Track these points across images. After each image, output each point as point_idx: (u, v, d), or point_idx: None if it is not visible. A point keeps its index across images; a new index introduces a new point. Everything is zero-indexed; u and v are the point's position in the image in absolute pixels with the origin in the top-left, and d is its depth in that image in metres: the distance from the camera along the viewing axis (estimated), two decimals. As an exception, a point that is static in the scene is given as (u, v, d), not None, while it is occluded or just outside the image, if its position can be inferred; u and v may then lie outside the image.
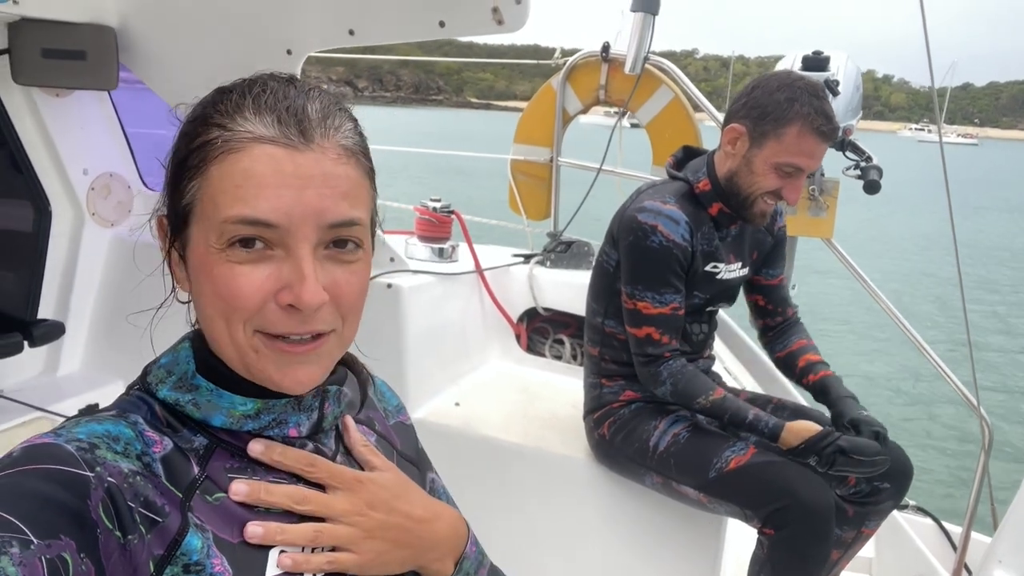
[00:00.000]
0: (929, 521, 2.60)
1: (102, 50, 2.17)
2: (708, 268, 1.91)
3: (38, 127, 2.32)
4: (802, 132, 1.73)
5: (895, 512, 2.45)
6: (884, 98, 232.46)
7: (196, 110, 0.70)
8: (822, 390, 1.96)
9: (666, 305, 1.83)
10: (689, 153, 2.00)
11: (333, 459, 0.76)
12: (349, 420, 0.81)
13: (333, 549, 0.72)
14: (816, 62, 2.49)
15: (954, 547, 2.49)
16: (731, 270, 1.97)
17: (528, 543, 2.15)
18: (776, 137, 1.76)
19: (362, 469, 0.79)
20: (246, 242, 0.65)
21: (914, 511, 2.63)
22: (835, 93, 2.48)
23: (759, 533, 1.75)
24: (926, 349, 2.54)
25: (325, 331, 0.69)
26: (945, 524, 2.59)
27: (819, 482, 1.71)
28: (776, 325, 2.14)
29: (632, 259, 1.85)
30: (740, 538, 2.28)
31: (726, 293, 2.00)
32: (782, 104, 1.75)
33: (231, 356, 0.69)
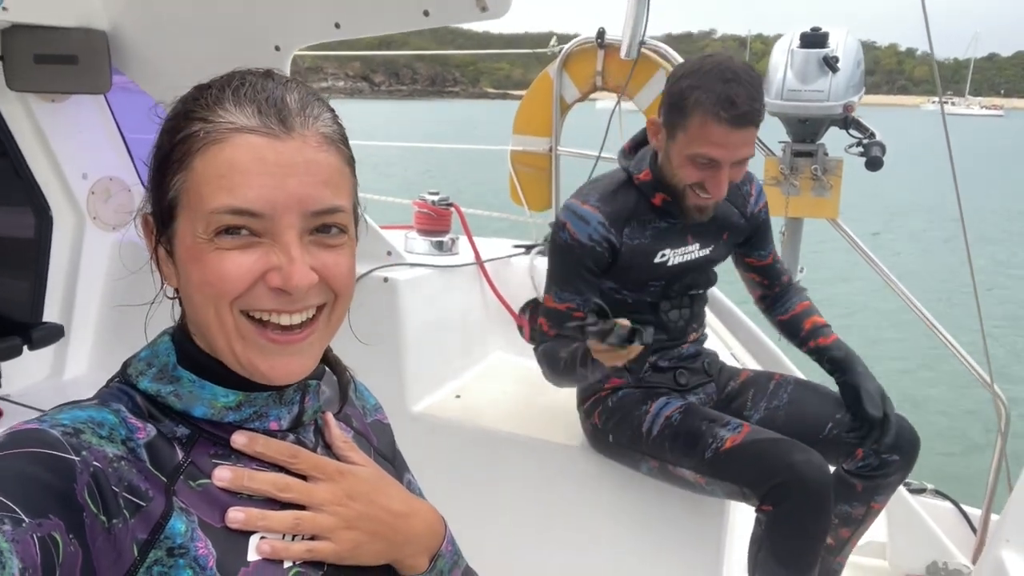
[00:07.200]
0: (948, 505, 2.57)
1: (94, 54, 2.19)
2: (656, 259, 1.86)
3: (35, 133, 2.34)
4: (704, 121, 1.63)
5: (909, 497, 2.42)
6: (908, 72, 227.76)
7: (177, 106, 0.70)
8: (829, 359, 1.95)
9: (562, 303, 1.84)
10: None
11: (314, 452, 0.77)
12: (330, 417, 0.82)
13: (313, 539, 0.72)
14: (814, 38, 2.44)
15: (974, 529, 2.46)
16: (687, 252, 1.90)
17: (528, 533, 2.15)
18: (683, 128, 1.68)
19: None
20: (231, 230, 0.65)
21: (932, 495, 2.59)
22: (835, 70, 2.43)
23: (757, 511, 1.72)
24: (937, 327, 2.49)
25: (319, 304, 0.71)
26: (965, 507, 2.55)
27: (816, 456, 1.68)
28: (773, 293, 2.11)
29: (548, 254, 1.89)
30: (744, 522, 2.26)
31: (690, 275, 1.93)
32: (684, 92, 1.65)
33: (221, 346, 0.69)
